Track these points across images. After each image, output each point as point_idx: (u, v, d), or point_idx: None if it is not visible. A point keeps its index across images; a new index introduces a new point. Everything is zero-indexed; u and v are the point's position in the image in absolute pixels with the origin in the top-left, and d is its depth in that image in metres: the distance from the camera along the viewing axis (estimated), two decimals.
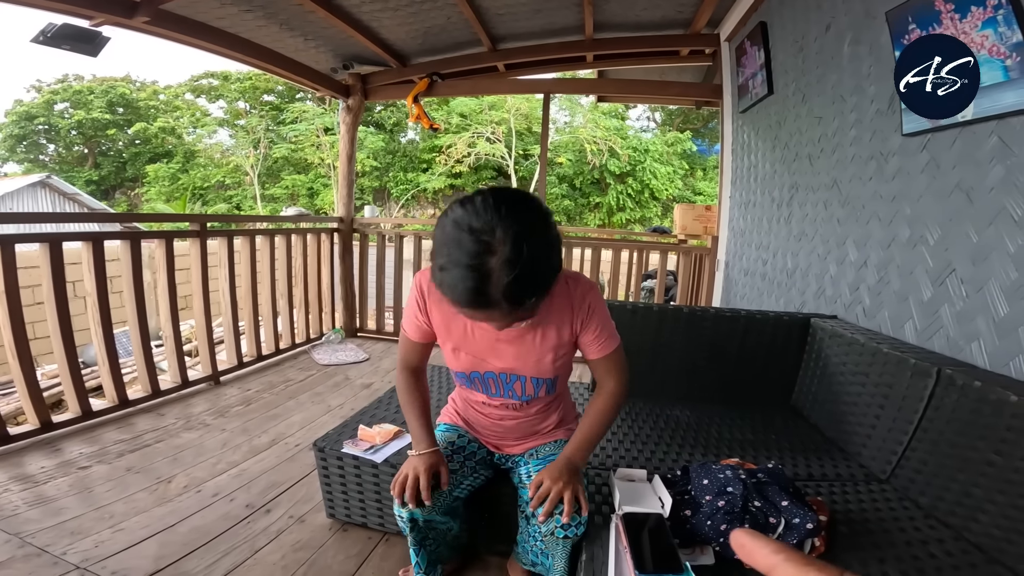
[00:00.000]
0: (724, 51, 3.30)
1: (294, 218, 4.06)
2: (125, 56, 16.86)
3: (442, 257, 0.84)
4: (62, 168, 19.48)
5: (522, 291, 0.82)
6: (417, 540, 1.20)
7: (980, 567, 0.98)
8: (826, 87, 2.10)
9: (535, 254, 0.82)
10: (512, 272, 0.79)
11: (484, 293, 0.81)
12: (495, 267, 0.80)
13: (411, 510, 1.10)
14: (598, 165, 16.77)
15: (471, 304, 0.83)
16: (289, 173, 18.41)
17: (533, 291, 0.85)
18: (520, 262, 0.80)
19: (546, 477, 1.05)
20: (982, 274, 1.28)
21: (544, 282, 0.87)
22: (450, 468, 1.17)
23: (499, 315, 0.86)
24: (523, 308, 0.86)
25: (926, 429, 1.25)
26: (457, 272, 0.81)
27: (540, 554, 1.20)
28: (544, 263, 0.85)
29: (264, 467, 1.96)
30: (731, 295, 3.21)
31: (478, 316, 0.89)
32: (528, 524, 1.20)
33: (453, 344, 1.14)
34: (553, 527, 1.05)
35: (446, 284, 0.84)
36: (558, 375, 1.18)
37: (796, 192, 2.37)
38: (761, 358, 1.90)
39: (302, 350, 3.60)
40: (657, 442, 1.58)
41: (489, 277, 0.80)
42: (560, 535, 1.05)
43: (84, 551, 1.43)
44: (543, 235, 0.85)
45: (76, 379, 2.19)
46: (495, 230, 0.80)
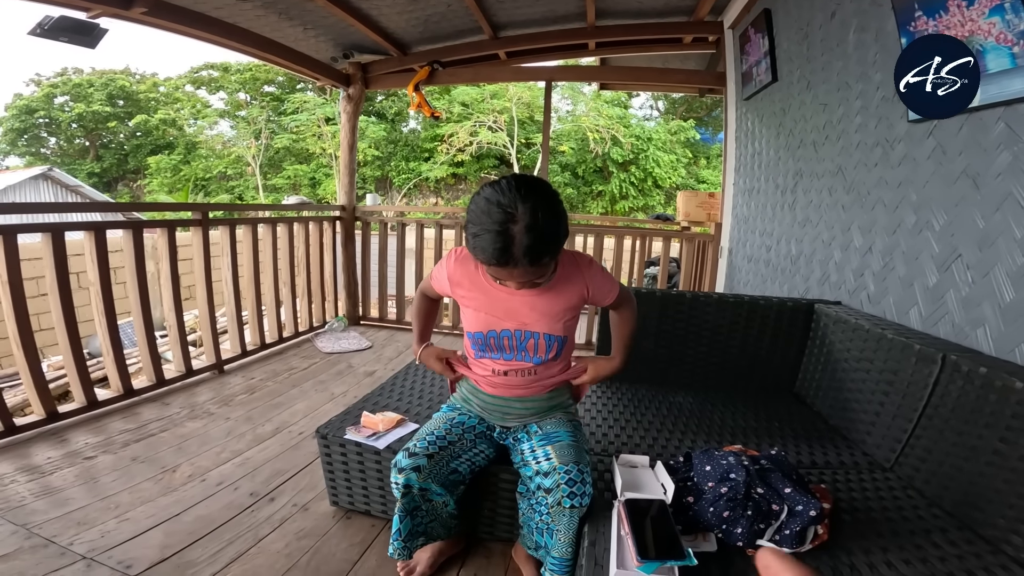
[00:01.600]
0: (728, 38, 3.25)
1: (296, 207, 4.05)
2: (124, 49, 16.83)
3: (475, 226, 1.02)
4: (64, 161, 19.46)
5: (538, 250, 1.01)
6: (406, 508, 1.24)
7: (984, 557, 0.98)
8: (831, 74, 2.08)
9: (547, 222, 1.01)
10: (530, 235, 0.99)
11: (509, 252, 0.99)
12: (517, 232, 0.99)
13: (408, 476, 1.20)
14: (601, 153, 16.64)
15: (499, 261, 1.01)
16: (291, 163, 18.35)
17: (546, 251, 1.03)
18: (536, 228, 0.99)
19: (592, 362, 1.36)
20: (988, 259, 1.27)
21: (555, 245, 1.05)
22: (449, 440, 1.28)
23: (519, 273, 1.04)
24: (539, 265, 1.03)
25: (931, 416, 1.25)
26: (487, 236, 1.00)
27: (544, 532, 1.21)
28: (554, 230, 1.03)
29: (268, 455, 1.97)
30: (734, 282, 3.20)
31: (502, 274, 1.07)
32: (531, 501, 1.23)
33: (474, 306, 1.26)
34: (560, 496, 1.11)
35: (479, 247, 1.02)
36: (567, 335, 1.29)
37: (800, 179, 2.35)
38: (765, 344, 1.90)
39: (305, 338, 3.60)
40: (660, 428, 1.58)
41: (513, 240, 0.99)
42: (567, 504, 1.10)
43: (90, 541, 1.44)
44: (553, 209, 1.04)
45: (81, 369, 2.20)
46: (517, 205, 1.00)
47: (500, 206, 1.00)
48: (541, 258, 1.02)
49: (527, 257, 1.00)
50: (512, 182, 1.03)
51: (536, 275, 1.08)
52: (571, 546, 1.15)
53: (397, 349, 3.48)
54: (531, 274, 1.06)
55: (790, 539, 0.95)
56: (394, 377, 1.98)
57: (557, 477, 1.14)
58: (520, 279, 1.08)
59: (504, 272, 1.05)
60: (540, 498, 1.18)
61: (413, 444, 1.25)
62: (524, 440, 1.30)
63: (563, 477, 1.13)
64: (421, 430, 1.33)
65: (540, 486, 1.17)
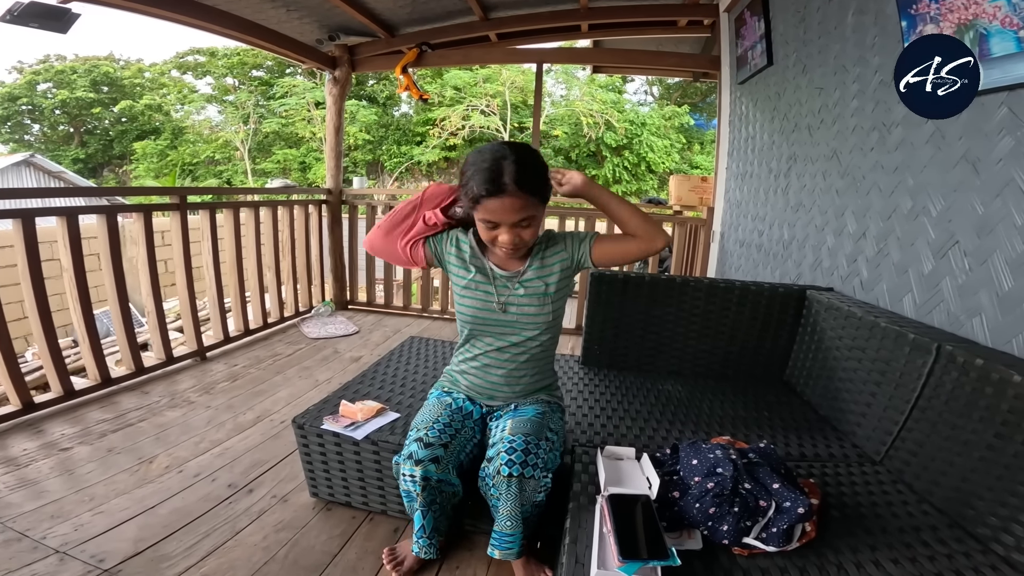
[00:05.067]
0: (723, 21, 3.18)
1: (280, 190, 3.96)
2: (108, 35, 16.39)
3: (470, 167, 1.15)
4: (48, 147, 19.09)
5: (526, 178, 1.11)
6: (427, 502, 1.21)
7: (974, 556, 0.95)
8: (828, 58, 2.03)
9: (535, 159, 1.16)
10: (519, 165, 1.11)
11: (500, 179, 1.10)
12: (506, 164, 1.10)
13: (426, 468, 1.15)
14: (594, 138, 16.51)
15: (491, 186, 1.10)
16: (280, 147, 18.10)
17: (534, 181, 1.13)
18: (524, 160, 1.12)
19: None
20: (987, 247, 1.24)
21: (541, 179, 1.16)
22: (455, 427, 1.27)
23: (509, 203, 1.11)
24: (528, 194, 1.12)
25: (923, 409, 1.21)
26: (481, 171, 1.12)
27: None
28: (539, 166, 1.16)
29: (248, 445, 1.92)
30: (726, 266, 3.17)
31: (494, 205, 1.12)
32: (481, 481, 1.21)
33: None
34: (499, 464, 1.12)
35: (472, 182, 1.13)
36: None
37: (794, 163, 2.30)
38: (755, 331, 1.87)
39: (291, 324, 3.54)
40: (647, 418, 1.55)
41: (503, 170, 1.10)
42: (504, 472, 1.10)
43: (64, 535, 1.40)
44: (537, 155, 1.18)
45: (56, 358, 2.14)
46: (505, 148, 1.14)
47: (491, 150, 1.15)
48: (530, 185, 1.12)
49: (516, 184, 1.10)
50: (498, 141, 1.17)
51: (525, 209, 1.13)
52: (511, 520, 1.13)
53: (384, 334, 3.43)
54: (520, 207, 1.12)
55: (777, 537, 0.91)
56: (376, 364, 1.93)
57: (500, 446, 1.15)
58: (511, 213, 1.13)
59: (496, 204, 1.11)
60: (485, 468, 1.17)
61: (425, 434, 1.21)
62: (497, 418, 1.32)
63: (505, 446, 1.15)
64: (422, 418, 1.30)
65: (487, 457, 1.18)
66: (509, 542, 1.16)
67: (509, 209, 1.12)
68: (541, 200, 1.16)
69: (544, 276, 1.29)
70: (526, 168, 1.12)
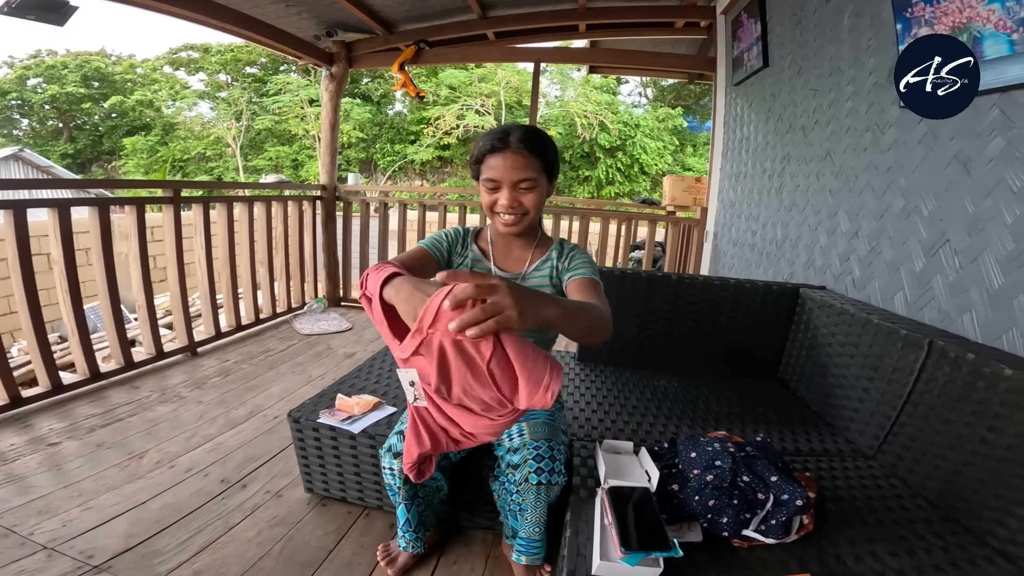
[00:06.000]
0: (720, 23, 3.20)
1: (274, 185, 3.94)
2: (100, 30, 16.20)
3: (478, 141, 1.16)
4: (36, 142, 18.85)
5: (532, 139, 1.12)
6: (409, 495, 1.21)
7: (969, 549, 0.96)
8: (823, 59, 2.05)
9: (541, 132, 1.17)
10: (525, 130, 1.13)
11: (506, 137, 1.11)
12: (515, 129, 1.13)
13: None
14: (588, 139, 16.57)
15: (496, 143, 1.11)
16: (273, 145, 17.98)
17: (539, 145, 1.13)
18: (530, 128, 1.14)
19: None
20: (977, 245, 1.25)
21: (546, 145, 1.15)
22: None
23: (512, 159, 1.10)
24: (531, 154, 1.11)
25: (916, 404, 1.23)
26: (489, 135, 1.14)
27: (516, 513, 1.18)
28: (548, 138, 1.16)
29: (241, 440, 1.91)
30: (719, 266, 3.19)
31: (496, 161, 1.12)
32: (502, 479, 1.21)
33: None
34: (527, 472, 1.10)
35: (480, 144, 1.15)
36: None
37: (788, 163, 2.32)
38: (750, 328, 1.88)
39: (284, 320, 3.52)
40: (644, 413, 1.56)
41: (510, 132, 1.13)
42: (533, 481, 1.09)
43: (52, 531, 1.38)
44: (547, 135, 1.18)
45: (45, 352, 2.11)
46: (515, 124, 1.16)
47: (500, 127, 1.16)
48: (533, 147, 1.11)
49: (522, 142, 1.10)
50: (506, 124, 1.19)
51: (527, 169, 1.11)
52: (539, 527, 1.13)
53: (377, 332, 3.40)
54: (523, 166, 1.11)
55: (776, 529, 0.92)
56: (372, 359, 1.92)
57: (525, 453, 1.13)
58: (512, 170, 1.11)
59: (498, 160, 1.11)
60: (509, 475, 1.16)
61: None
62: None
63: (531, 452, 1.13)
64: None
65: (509, 463, 1.16)
66: (537, 547, 1.16)
67: (511, 166, 1.11)
68: (545, 167, 1.15)
69: (542, 284, 1.25)
70: (532, 133, 1.13)
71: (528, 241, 1.27)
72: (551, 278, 1.25)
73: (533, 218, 1.19)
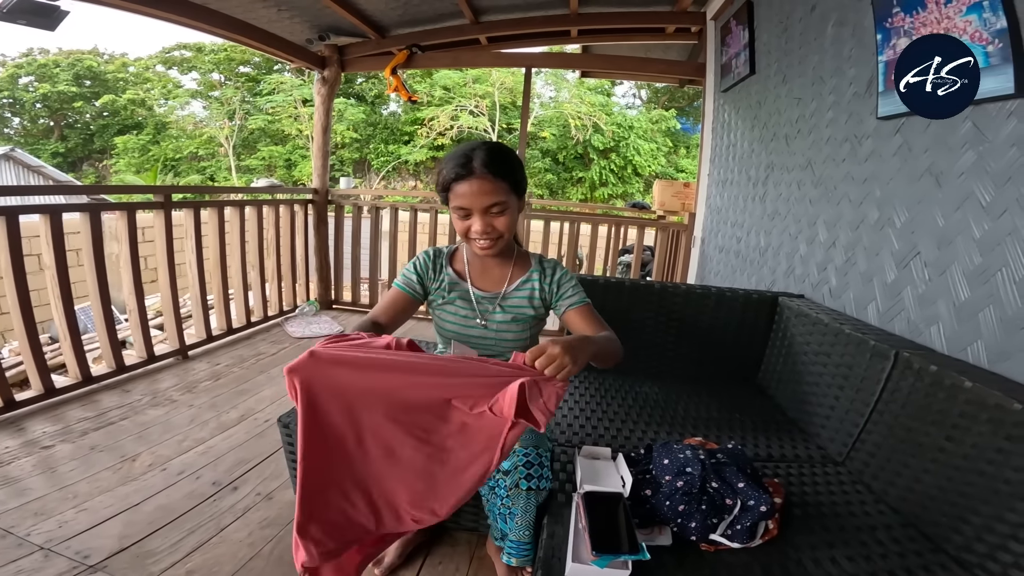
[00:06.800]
0: (709, 30, 3.25)
1: (266, 189, 3.96)
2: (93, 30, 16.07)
3: (441, 164, 1.18)
4: (27, 141, 18.72)
5: (496, 161, 1.13)
6: None
7: (925, 555, 1.00)
8: (807, 68, 2.08)
9: (503, 150, 1.18)
10: (488, 152, 1.14)
11: (470, 163, 1.12)
12: (476, 152, 1.14)
13: None
14: (582, 140, 16.60)
15: (460, 169, 1.12)
16: (266, 144, 17.91)
17: (504, 167, 1.14)
18: (494, 147, 1.16)
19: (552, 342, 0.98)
20: (946, 258, 1.30)
21: (511, 166, 1.16)
22: None
23: (478, 185, 1.12)
24: (497, 177, 1.13)
25: (881, 412, 1.27)
26: (452, 158, 1.15)
27: (506, 516, 1.21)
28: (510, 156, 1.18)
29: (232, 444, 1.94)
30: (706, 271, 3.24)
31: (463, 189, 1.13)
32: (491, 484, 1.22)
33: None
34: (517, 478, 1.13)
35: (443, 170, 1.16)
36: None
37: (772, 171, 2.37)
38: (731, 335, 1.92)
39: (275, 323, 3.55)
40: (624, 419, 1.60)
41: (472, 157, 1.13)
42: (524, 487, 1.12)
43: (47, 532, 1.41)
44: (509, 149, 1.20)
45: (38, 356, 2.13)
46: (476, 142, 1.18)
47: (463, 145, 1.18)
48: (499, 170, 1.13)
49: (486, 167, 1.12)
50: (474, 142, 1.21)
51: (495, 193, 1.13)
52: (528, 529, 1.16)
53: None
54: (490, 191, 1.13)
55: (741, 533, 0.96)
56: None
57: (515, 459, 1.16)
58: (480, 196, 1.13)
59: (464, 187, 1.13)
60: (499, 480, 1.19)
61: None
62: None
63: (521, 459, 1.16)
64: None
65: (500, 468, 1.18)
66: (527, 549, 1.18)
67: (479, 192, 1.13)
68: (512, 187, 1.17)
69: (521, 304, 1.31)
70: (495, 154, 1.14)
71: (505, 260, 1.32)
72: (531, 300, 1.31)
73: (508, 239, 1.22)
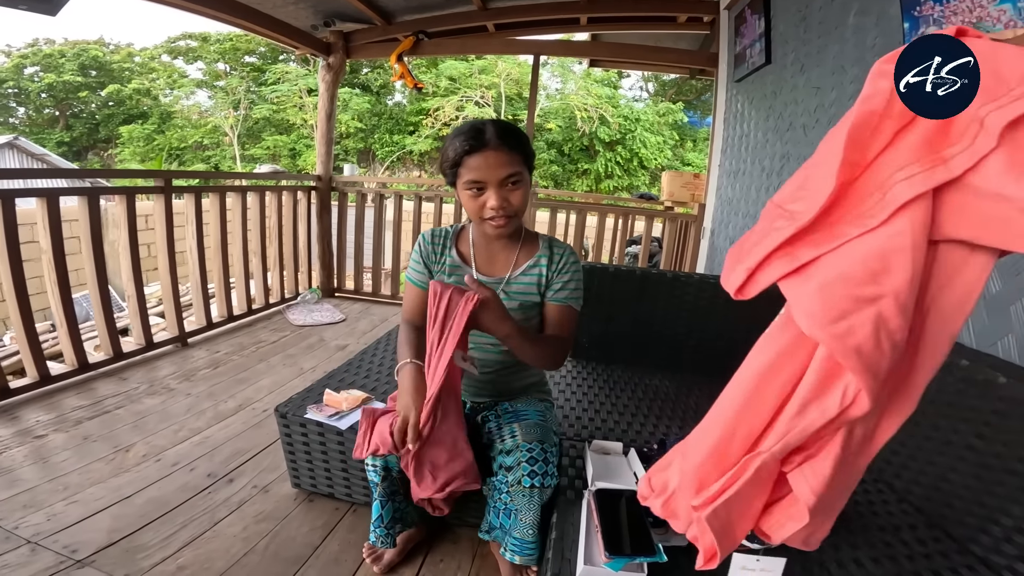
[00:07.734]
0: (723, 19, 3.17)
1: (268, 175, 3.91)
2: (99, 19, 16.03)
3: (448, 143, 1.12)
4: (32, 130, 18.74)
5: (508, 132, 1.10)
6: (387, 492, 1.20)
7: (951, 557, 0.95)
8: (827, 58, 2.02)
9: (515, 126, 1.14)
10: (498, 125, 1.10)
11: (482, 135, 1.07)
12: (488, 125, 1.10)
13: (386, 455, 1.14)
14: (588, 132, 16.49)
15: (474, 142, 1.07)
16: (271, 134, 17.87)
17: (517, 139, 1.10)
18: (503, 123, 1.12)
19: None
20: None
21: (523, 141, 1.12)
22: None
23: (494, 157, 1.07)
24: (511, 150, 1.08)
25: None
26: (460, 134, 1.09)
27: (504, 512, 1.18)
28: (522, 133, 1.13)
29: (229, 434, 1.89)
30: (715, 263, 3.18)
31: (476, 161, 1.07)
32: (493, 479, 1.19)
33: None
34: (520, 475, 1.09)
35: (451, 148, 1.10)
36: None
37: (787, 162, 2.30)
38: (744, 327, 1.85)
39: (276, 310, 3.50)
40: (635, 413, 1.54)
41: (484, 130, 1.08)
42: (527, 484, 1.08)
43: (35, 525, 1.37)
44: (519, 128, 1.14)
45: (33, 343, 2.09)
46: (484, 120, 1.12)
47: (471, 121, 1.13)
48: (512, 143, 1.09)
49: (500, 138, 1.07)
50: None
51: (511, 164, 1.08)
52: (533, 528, 1.12)
53: (371, 322, 3.40)
54: (506, 162, 1.07)
55: None
56: (362, 353, 1.91)
57: (519, 455, 1.12)
58: (496, 168, 1.08)
59: (479, 159, 1.07)
60: (501, 476, 1.15)
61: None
62: (492, 418, 1.28)
63: (524, 455, 1.11)
64: None
65: (502, 464, 1.15)
66: (531, 548, 1.15)
67: (495, 164, 1.07)
68: (525, 160, 1.13)
69: (528, 291, 1.24)
70: (507, 127, 1.11)
71: (512, 242, 1.25)
72: (539, 285, 1.23)
73: (521, 217, 1.17)
